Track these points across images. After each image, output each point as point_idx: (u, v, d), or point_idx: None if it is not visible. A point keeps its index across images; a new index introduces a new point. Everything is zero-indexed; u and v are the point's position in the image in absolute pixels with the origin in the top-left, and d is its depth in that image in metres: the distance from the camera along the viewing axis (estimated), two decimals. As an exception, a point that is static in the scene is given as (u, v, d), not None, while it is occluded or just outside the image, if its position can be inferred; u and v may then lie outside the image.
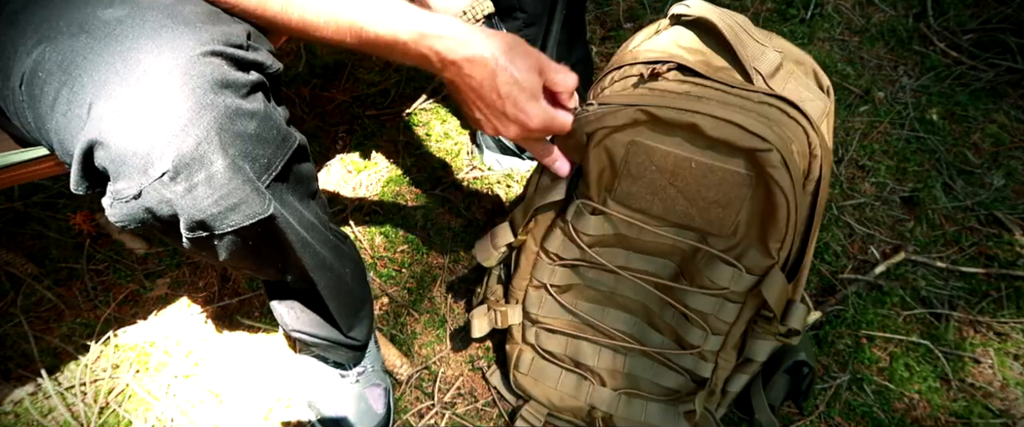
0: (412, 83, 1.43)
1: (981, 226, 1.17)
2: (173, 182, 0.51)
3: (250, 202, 0.55)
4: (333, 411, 0.95)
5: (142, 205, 0.52)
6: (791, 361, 0.90)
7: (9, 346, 1.06)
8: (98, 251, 1.17)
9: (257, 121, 0.54)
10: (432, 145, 1.32)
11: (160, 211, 0.52)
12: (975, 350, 1.04)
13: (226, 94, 0.52)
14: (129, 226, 0.54)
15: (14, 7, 0.57)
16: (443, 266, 1.15)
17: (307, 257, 0.69)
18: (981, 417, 0.98)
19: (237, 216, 0.55)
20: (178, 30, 0.52)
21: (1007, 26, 1.43)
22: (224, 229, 0.55)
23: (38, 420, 0.98)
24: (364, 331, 0.91)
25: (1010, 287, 1.10)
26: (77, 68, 0.50)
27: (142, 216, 0.53)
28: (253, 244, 0.61)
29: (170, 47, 0.50)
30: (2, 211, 1.22)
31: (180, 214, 0.53)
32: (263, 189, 0.57)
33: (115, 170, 0.50)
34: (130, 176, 0.50)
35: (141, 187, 0.50)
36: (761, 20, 1.48)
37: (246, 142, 0.54)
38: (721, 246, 0.79)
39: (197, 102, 0.50)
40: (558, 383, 0.95)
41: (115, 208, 0.52)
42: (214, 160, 0.51)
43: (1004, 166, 1.24)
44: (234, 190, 0.54)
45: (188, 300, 1.12)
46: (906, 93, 1.36)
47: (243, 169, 0.54)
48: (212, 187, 0.52)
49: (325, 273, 0.74)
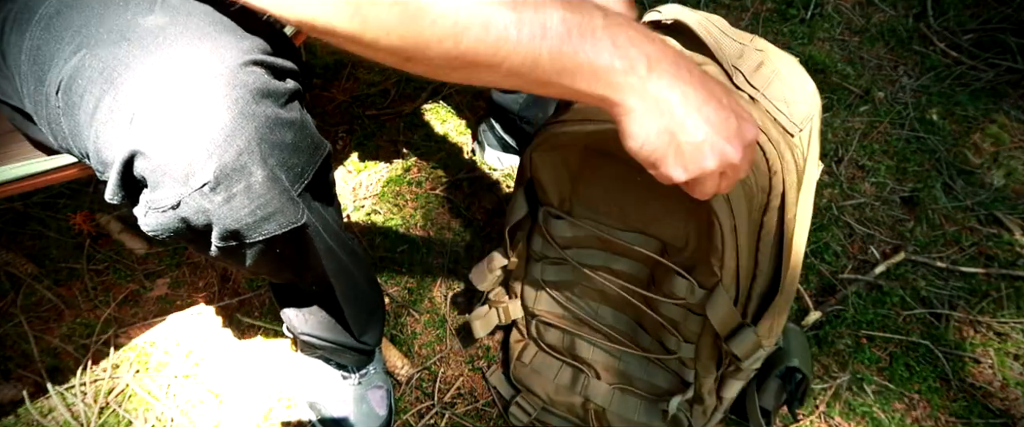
0: (412, 83, 1.43)
1: (981, 226, 1.17)
2: (213, 193, 0.50)
3: (285, 211, 0.55)
4: (335, 412, 0.95)
5: (178, 215, 0.51)
6: (783, 366, 0.89)
7: (9, 346, 1.06)
8: (98, 251, 1.17)
9: (294, 131, 0.54)
10: (432, 145, 1.32)
11: (195, 221, 0.52)
12: (975, 350, 1.04)
13: (267, 104, 0.52)
14: (161, 235, 0.53)
15: (47, 11, 0.55)
16: (443, 266, 1.15)
17: (330, 263, 0.69)
18: (981, 417, 0.98)
19: (271, 225, 0.55)
20: (221, 39, 0.51)
21: (1007, 26, 1.43)
22: (256, 238, 0.55)
23: (38, 420, 0.98)
24: (375, 336, 0.91)
25: (1010, 287, 1.10)
26: (119, 77, 0.49)
27: (176, 226, 0.52)
28: (280, 251, 0.60)
29: (213, 57, 0.50)
30: (2, 211, 1.21)
31: (215, 224, 0.53)
32: (296, 198, 0.56)
33: (155, 180, 0.50)
34: (170, 186, 0.50)
35: (180, 197, 0.50)
36: (761, 20, 1.49)
37: (284, 151, 0.54)
38: (677, 257, 0.78)
39: (239, 112, 0.50)
40: (556, 377, 0.96)
41: (150, 217, 0.52)
42: (254, 170, 0.51)
43: (1004, 166, 1.24)
44: (271, 200, 0.53)
45: (188, 300, 1.12)
46: (906, 93, 1.36)
47: (280, 179, 0.54)
48: (250, 197, 0.52)
49: (344, 279, 0.75)
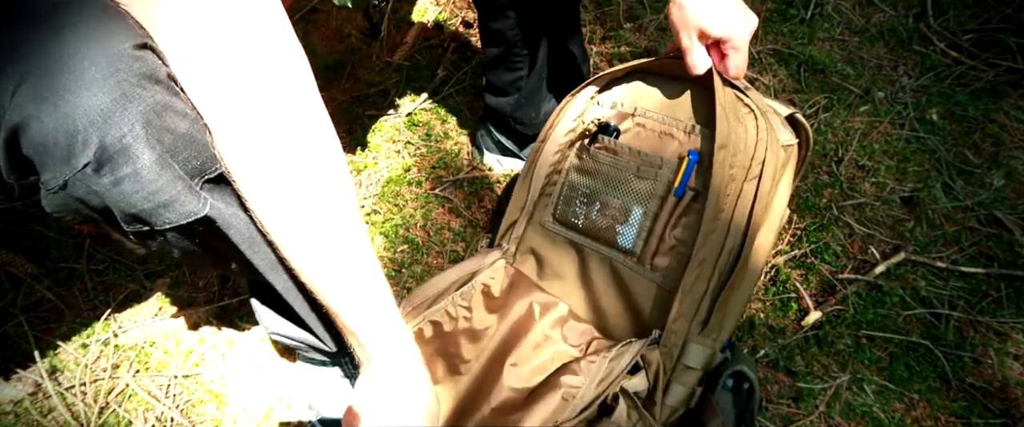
0: (412, 83, 1.43)
1: (981, 226, 1.17)
2: (97, 174, 0.50)
3: (182, 201, 0.54)
4: (335, 412, 0.95)
5: (71, 195, 0.51)
6: (731, 370, 0.83)
7: (9, 346, 1.06)
8: (98, 251, 1.17)
9: (189, 122, 0.53)
10: (432, 145, 1.32)
11: (91, 201, 0.52)
12: (975, 350, 1.04)
13: (156, 89, 0.51)
14: (66, 217, 0.53)
15: None
16: (443, 266, 1.15)
17: (257, 259, 0.67)
18: (981, 417, 0.98)
19: (171, 214, 0.54)
20: (111, 23, 0.50)
21: (1007, 26, 1.43)
22: (162, 225, 0.54)
23: (38, 420, 0.98)
24: (337, 338, 0.87)
25: (1010, 287, 1.10)
26: (2, 56, 0.49)
27: (75, 207, 0.52)
28: (200, 242, 0.60)
29: (99, 37, 0.49)
30: (2, 211, 1.21)
31: (111, 207, 0.52)
32: (196, 188, 0.55)
33: (40, 160, 0.50)
34: (54, 166, 0.49)
35: (65, 177, 0.50)
36: (761, 20, 1.48)
37: (176, 140, 0.52)
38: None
39: (122, 93, 0.49)
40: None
41: (47, 199, 0.52)
42: (140, 154, 0.50)
43: (1004, 166, 1.24)
44: (164, 187, 0.52)
45: (188, 300, 1.12)
46: (906, 93, 1.36)
47: (172, 167, 0.52)
48: (139, 182, 0.51)
49: (281, 275, 0.72)
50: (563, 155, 0.94)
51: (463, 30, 1.52)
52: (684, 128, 0.85)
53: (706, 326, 0.77)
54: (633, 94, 0.91)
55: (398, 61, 1.47)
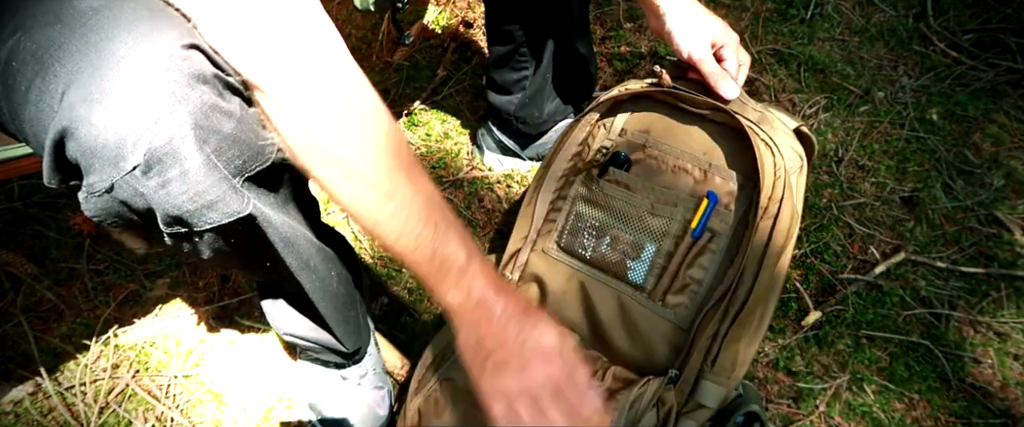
0: (412, 83, 1.43)
1: (981, 226, 1.17)
2: (145, 176, 0.49)
3: (227, 200, 0.54)
4: (335, 413, 0.95)
5: (116, 198, 0.51)
6: (744, 410, 0.84)
7: (9, 346, 1.06)
8: (98, 251, 1.17)
9: (235, 121, 0.53)
10: (432, 145, 1.32)
11: (135, 204, 0.51)
12: (975, 350, 1.04)
13: (203, 89, 0.50)
14: (107, 221, 0.53)
15: None
16: (443, 266, 1.15)
17: (291, 258, 0.68)
18: (981, 417, 0.98)
19: (214, 214, 0.54)
20: (156, 22, 0.50)
21: (1007, 26, 1.43)
22: (203, 226, 0.54)
23: (38, 420, 0.98)
24: (352, 339, 0.90)
25: (1010, 287, 1.10)
26: (50, 57, 0.49)
27: (117, 209, 0.52)
28: (236, 242, 0.60)
29: (147, 38, 0.49)
30: (2, 211, 1.21)
31: (155, 209, 0.52)
32: (239, 188, 0.55)
33: (86, 163, 0.49)
34: (101, 169, 0.49)
35: (112, 180, 0.49)
36: (761, 20, 1.48)
37: (222, 140, 0.52)
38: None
39: (172, 94, 0.49)
40: None
41: (89, 202, 0.51)
42: (188, 155, 0.50)
43: (1004, 166, 1.24)
44: (210, 188, 0.52)
45: (188, 300, 1.12)
46: (906, 93, 1.36)
47: (217, 167, 0.52)
48: (187, 183, 0.51)
49: (309, 275, 0.73)
50: (568, 181, 0.92)
51: (463, 30, 1.52)
52: (698, 164, 0.83)
53: (721, 364, 0.76)
54: (642, 121, 0.89)
55: (398, 61, 1.47)
